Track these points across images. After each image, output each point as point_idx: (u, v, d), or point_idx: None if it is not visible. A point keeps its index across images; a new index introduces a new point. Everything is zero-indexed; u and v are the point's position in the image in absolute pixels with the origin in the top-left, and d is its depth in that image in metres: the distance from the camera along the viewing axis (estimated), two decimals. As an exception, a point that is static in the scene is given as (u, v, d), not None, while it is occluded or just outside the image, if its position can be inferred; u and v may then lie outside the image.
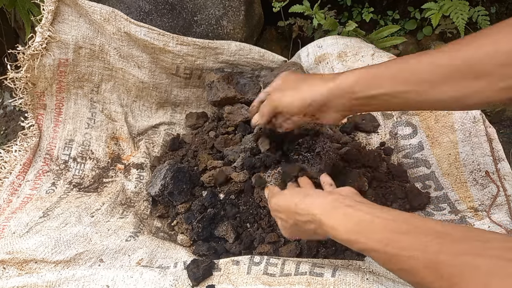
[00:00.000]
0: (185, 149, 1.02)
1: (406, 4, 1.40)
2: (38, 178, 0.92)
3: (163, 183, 0.86)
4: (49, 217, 0.80)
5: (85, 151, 1.00)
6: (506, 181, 0.79)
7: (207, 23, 1.17)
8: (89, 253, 0.72)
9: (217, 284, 0.67)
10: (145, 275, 0.66)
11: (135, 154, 1.04)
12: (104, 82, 1.03)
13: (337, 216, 0.52)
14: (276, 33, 1.49)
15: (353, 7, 1.41)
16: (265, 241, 0.80)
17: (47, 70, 0.94)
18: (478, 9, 1.21)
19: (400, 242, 0.44)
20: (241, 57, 1.06)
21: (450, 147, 0.86)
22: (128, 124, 1.06)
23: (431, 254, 0.40)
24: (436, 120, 0.89)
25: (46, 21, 0.91)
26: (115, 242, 0.75)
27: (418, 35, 1.43)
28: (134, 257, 0.74)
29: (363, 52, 1.03)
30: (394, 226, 0.46)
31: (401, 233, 0.44)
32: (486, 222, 0.74)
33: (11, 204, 0.85)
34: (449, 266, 0.38)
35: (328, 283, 0.63)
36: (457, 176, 0.84)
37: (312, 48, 1.12)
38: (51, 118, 0.99)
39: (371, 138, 1.01)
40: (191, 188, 0.88)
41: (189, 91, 1.11)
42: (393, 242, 0.44)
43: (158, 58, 1.00)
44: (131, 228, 0.81)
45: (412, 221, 0.45)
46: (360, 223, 0.49)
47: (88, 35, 0.96)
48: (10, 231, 0.76)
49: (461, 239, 0.40)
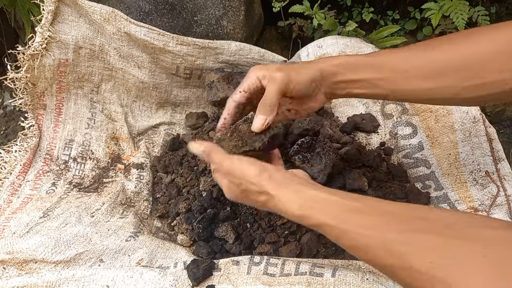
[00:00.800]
0: (185, 149, 1.02)
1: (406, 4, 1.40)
2: (38, 178, 0.92)
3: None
4: (49, 217, 0.80)
5: (85, 151, 1.00)
6: (506, 181, 0.79)
7: (207, 23, 1.17)
8: (89, 253, 0.72)
9: (217, 284, 0.67)
10: (145, 275, 0.66)
11: (135, 154, 1.04)
12: (104, 82, 1.04)
13: (292, 192, 0.52)
14: (276, 33, 1.49)
15: (353, 7, 1.41)
16: (265, 241, 0.80)
17: (47, 70, 0.94)
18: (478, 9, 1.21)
19: (355, 220, 0.45)
20: (241, 57, 1.06)
21: (450, 147, 0.86)
22: (128, 124, 1.06)
23: (383, 232, 0.42)
24: (436, 120, 0.89)
25: (46, 21, 0.91)
26: (115, 242, 0.75)
27: (418, 35, 1.43)
28: (134, 257, 0.74)
29: (363, 52, 1.03)
30: (349, 204, 0.47)
31: (357, 212, 0.46)
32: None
33: (11, 205, 0.85)
34: (398, 243, 0.40)
35: (328, 283, 0.63)
36: (457, 176, 0.84)
37: (312, 48, 1.12)
38: (51, 118, 0.99)
39: (371, 138, 1.01)
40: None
41: (189, 91, 1.11)
42: (348, 219, 0.45)
43: (158, 58, 1.00)
44: (131, 228, 0.81)
45: (367, 202, 0.47)
46: (315, 200, 0.49)
47: (88, 35, 0.96)
48: (11, 231, 0.76)
49: (409, 218, 0.43)
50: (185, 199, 0.90)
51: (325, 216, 0.47)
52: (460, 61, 0.54)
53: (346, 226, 0.45)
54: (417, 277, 0.38)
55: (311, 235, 0.80)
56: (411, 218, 0.43)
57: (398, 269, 0.40)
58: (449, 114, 0.88)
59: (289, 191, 0.52)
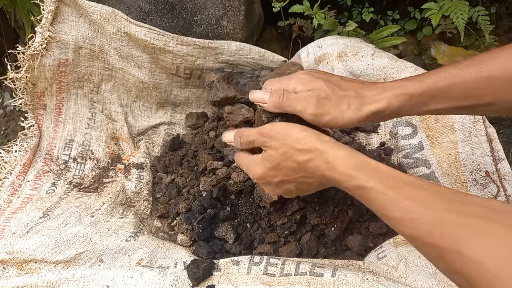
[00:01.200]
0: (185, 149, 1.02)
1: (406, 4, 1.40)
2: (38, 178, 0.92)
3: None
4: (49, 217, 0.80)
5: (85, 151, 1.00)
6: (506, 181, 0.79)
7: (207, 23, 1.17)
8: (89, 253, 0.72)
9: (217, 284, 0.67)
10: (145, 275, 0.66)
11: (135, 154, 1.04)
12: (104, 82, 1.04)
13: (343, 150, 0.50)
14: (276, 33, 1.49)
15: (353, 7, 1.41)
16: (265, 241, 0.80)
17: (47, 70, 0.94)
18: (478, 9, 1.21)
19: (407, 191, 0.43)
20: (241, 57, 1.06)
21: (450, 147, 0.86)
22: (128, 124, 1.06)
23: (437, 211, 0.39)
24: (436, 120, 0.89)
25: (46, 21, 0.91)
26: (115, 242, 0.75)
27: (418, 35, 1.43)
28: (134, 257, 0.74)
29: (363, 52, 1.03)
30: (401, 176, 0.45)
31: (406, 184, 0.44)
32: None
33: (11, 205, 0.85)
34: (451, 224, 0.38)
35: (328, 283, 0.63)
36: (457, 176, 0.84)
37: (312, 48, 1.12)
38: (51, 118, 0.99)
39: (371, 138, 1.01)
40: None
41: (189, 91, 1.11)
42: (400, 189, 0.43)
43: (158, 58, 1.00)
44: (131, 228, 0.81)
45: (417, 178, 0.45)
46: (367, 162, 0.48)
47: (88, 35, 0.96)
48: (10, 231, 0.76)
49: (461, 201, 0.40)
50: (185, 199, 0.90)
51: (375, 180, 0.45)
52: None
53: (396, 195, 0.42)
54: (467, 263, 0.35)
55: (311, 235, 0.80)
56: (464, 201, 0.40)
57: (445, 251, 0.37)
58: (449, 114, 0.88)
59: (339, 149, 0.50)
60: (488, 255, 0.34)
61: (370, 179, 0.46)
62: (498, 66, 0.52)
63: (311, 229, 0.80)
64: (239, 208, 0.83)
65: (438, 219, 0.39)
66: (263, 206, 0.81)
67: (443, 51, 1.31)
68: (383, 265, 0.70)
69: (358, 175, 0.47)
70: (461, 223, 0.37)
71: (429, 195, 0.41)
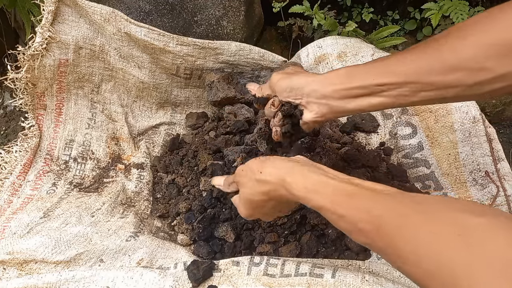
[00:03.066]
0: (185, 149, 1.02)
1: (406, 4, 1.40)
2: (38, 178, 0.92)
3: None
4: (50, 218, 0.80)
5: (85, 151, 1.00)
6: (506, 181, 0.79)
7: (207, 23, 1.17)
8: (89, 253, 0.72)
9: (217, 285, 0.67)
10: (145, 276, 0.66)
11: (135, 154, 1.04)
12: (104, 83, 1.04)
13: (295, 176, 0.52)
14: (276, 33, 1.49)
15: (353, 7, 1.41)
16: (265, 241, 0.80)
17: (47, 70, 0.94)
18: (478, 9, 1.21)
19: (349, 204, 0.45)
20: (241, 57, 1.06)
21: (449, 147, 0.87)
22: (128, 124, 1.06)
23: (376, 217, 0.42)
24: (435, 120, 0.89)
25: (46, 21, 0.91)
26: (115, 242, 0.75)
27: (418, 35, 1.43)
28: (134, 257, 0.74)
29: (363, 52, 1.03)
30: (344, 188, 0.48)
31: (350, 196, 0.46)
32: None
33: (11, 205, 0.85)
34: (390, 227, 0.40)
35: (328, 284, 0.63)
36: (457, 176, 0.84)
37: (312, 48, 1.12)
38: (52, 118, 0.99)
39: (371, 138, 1.01)
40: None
41: (189, 91, 1.11)
42: (342, 203, 0.46)
43: (158, 58, 1.00)
44: (131, 228, 0.81)
45: (362, 184, 0.47)
46: (316, 182, 0.50)
47: (88, 36, 0.96)
48: (11, 231, 0.76)
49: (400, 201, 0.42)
50: (185, 199, 0.90)
51: (324, 198, 0.48)
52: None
53: (342, 210, 0.45)
54: (406, 261, 0.37)
55: (311, 235, 0.80)
56: (402, 200, 0.43)
57: (390, 254, 0.40)
58: (449, 114, 0.88)
59: (295, 173, 0.53)
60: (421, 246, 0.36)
61: (321, 199, 0.48)
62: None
63: (311, 229, 0.80)
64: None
65: (379, 224, 0.41)
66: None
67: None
68: (383, 264, 0.70)
69: (312, 197, 0.49)
70: (400, 224, 0.39)
71: (369, 203, 0.44)
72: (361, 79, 0.57)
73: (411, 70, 0.53)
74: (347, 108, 0.60)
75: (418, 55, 0.54)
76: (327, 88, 0.60)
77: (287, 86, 0.64)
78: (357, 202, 0.45)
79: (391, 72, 0.55)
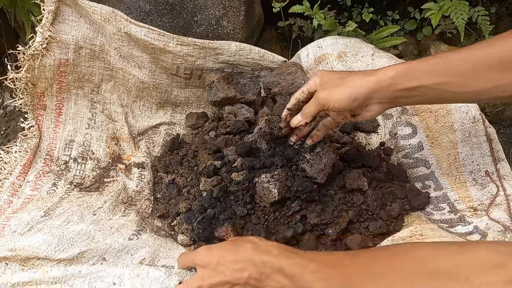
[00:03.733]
0: (185, 149, 1.02)
1: (406, 4, 1.40)
2: (38, 178, 0.92)
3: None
4: (51, 216, 0.80)
5: (85, 152, 1.00)
6: (505, 181, 0.79)
7: (207, 23, 1.17)
8: (92, 251, 0.71)
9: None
10: (151, 274, 0.66)
11: (135, 154, 1.04)
12: (105, 82, 1.04)
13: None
14: (276, 34, 1.49)
15: (353, 7, 1.41)
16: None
17: (48, 70, 0.94)
18: (478, 9, 1.21)
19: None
20: (241, 57, 1.06)
21: (449, 147, 0.87)
22: (128, 124, 1.06)
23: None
24: (435, 120, 0.89)
25: (46, 21, 0.91)
26: (118, 240, 0.75)
27: (418, 35, 1.43)
28: (136, 257, 0.74)
29: (362, 52, 1.04)
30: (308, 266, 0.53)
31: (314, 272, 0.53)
32: (484, 220, 0.75)
33: (11, 205, 0.85)
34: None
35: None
36: (457, 176, 0.84)
37: (312, 49, 1.13)
38: (51, 118, 0.99)
39: (371, 138, 1.01)
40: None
41: (189, 91, 1.11)
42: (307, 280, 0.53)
43: (158, 58, 1.00)
44: (133, 226, 0.81)
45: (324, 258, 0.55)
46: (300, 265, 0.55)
47: (89, 35, 0.96)
48: (11, 229, 0.75)
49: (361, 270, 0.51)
50: (185, 199, 0.90)
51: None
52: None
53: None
54: None
55: (310, 235, 0.80)
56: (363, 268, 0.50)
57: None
58: (449, 114, 0.88)
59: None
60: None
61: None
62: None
63: (311, 229, 0.80)
64: (239, 208, 0.83)
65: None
66: (263, 206, 0.82)
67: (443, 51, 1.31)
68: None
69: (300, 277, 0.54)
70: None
71: (334, 272, 0.52)
72: (423, 79, 0.60)
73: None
74: (405, 102, 0.67)
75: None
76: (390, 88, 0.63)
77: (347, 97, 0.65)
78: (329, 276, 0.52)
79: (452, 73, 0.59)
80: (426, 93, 0.61)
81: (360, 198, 0.83)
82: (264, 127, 0.92)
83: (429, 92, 0.61)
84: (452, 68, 0.58)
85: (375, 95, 0.64)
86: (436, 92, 0.60)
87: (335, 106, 0.66)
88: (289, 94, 1.05)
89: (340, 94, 0.65)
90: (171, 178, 0.98)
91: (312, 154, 0.81)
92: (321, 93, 0.68)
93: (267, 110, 1.02)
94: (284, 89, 1.05)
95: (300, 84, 1.05)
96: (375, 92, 0.64)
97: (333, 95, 0.66)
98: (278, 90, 1.05)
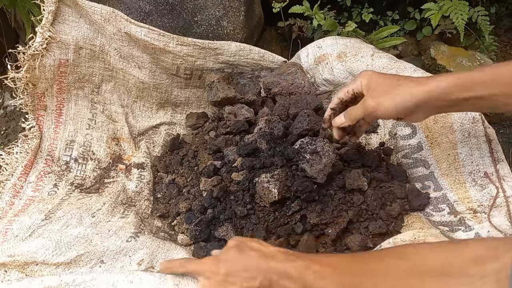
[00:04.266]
0: (185, 149, 1.02)
1: (406, 4, 1.40)
2: (40, 179, 0.92)
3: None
4: (51, 220, 0.80)
5: (86, 152, 1.01)
6: (505, 182, 0.79)
7: (207, 23, 1.17)
8: (89, 254, 0.72)
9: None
10: (145, 280, 0.65)
11: (136, 154, 1.04)
12: (105, 83, 1.04)
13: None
14: (276, 34, 1.49)
15: (353, 7, 1.41)
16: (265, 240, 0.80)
17: (48, 70, 0.94)
18: (478, 9, 1.21)
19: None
20: (241, 57, 1.07)
21: (449, 148, 0.87)
22: (129, 124, 1.06)
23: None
24: (435, 121, 0.89)
25: (47, 21, 0.91)
26: (115, 243, 0.75)
27: (418, 36, 1.44)
28: (134, 258, 0.74)
29: (362, 53, 1.04)
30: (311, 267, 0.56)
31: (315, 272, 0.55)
32: (486, 226, 0.74)
33: (13, 207, 0.85)
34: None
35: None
36: (456, 176, 0.84)
37: (312, 49, 1.13)
38: (52, 119, 0.99)
39: (371, 138, 1.01)
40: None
41: (190, 91, 1.12)
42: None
43: (158, 58, 1.00)
44: (131, 228, 0.81)
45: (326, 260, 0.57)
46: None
47: (89, 36, 0.96)
48: (13, 234, 0.76)
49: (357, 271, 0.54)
50: (185, 199, 0.91)
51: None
52: None
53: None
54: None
55: (310, 235, 0.80)
56: (359, 270, 0.53)
57: None
58: (448, 114, 0.88)
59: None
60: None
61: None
62: None
63: (311, 229, 0.81)
64: (239, 208, 0.83)
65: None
66: (263, 206, 0.82)
67: (442, 52, 1.31)
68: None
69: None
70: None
71: (334, 272, 0.54)
72: (477, 90, 0.61)
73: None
74: (451, 110, 0.70)
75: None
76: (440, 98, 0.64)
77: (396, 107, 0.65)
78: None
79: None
80: (477, 103, 0.62)
81: (360, 198, 0.83)
82: (264, 127, 0.92)
83: (481, 102, 0.62)
84: (505, 79, 0.60)
85: (425, 104, 0.64)
86: (488, 103, 0.62)
87: (383, 114, 0.67)
88: (289, 94, 1.05)
89: (390, 103, 0.66)
90: (171, 178, 0.98)
91: (312, 154, 0.81)
92: (370, 100, 0.68)
93: (267, 110, 1.02)
94: (284, 89, 1.05)
95: (300, 84, 1.05)
96: (426, 102, 0.64)
97: (382, 104, 0.66)
98: (278, 90, 1.05)
